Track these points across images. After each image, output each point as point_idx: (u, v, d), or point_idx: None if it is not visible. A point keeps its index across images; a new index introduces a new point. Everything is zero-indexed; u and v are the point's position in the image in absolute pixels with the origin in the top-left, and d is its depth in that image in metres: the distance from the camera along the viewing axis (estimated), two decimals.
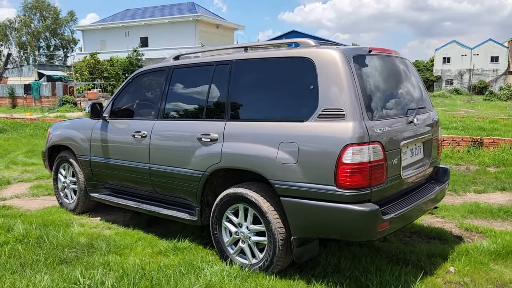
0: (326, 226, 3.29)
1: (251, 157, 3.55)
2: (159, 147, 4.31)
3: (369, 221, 3.10)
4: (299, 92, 3.47)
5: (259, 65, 3.79)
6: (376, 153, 3.17)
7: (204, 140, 3.88)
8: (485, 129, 13.30)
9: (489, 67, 54.01)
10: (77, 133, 5.26)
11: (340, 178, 3.12)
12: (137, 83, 4.85)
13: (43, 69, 40.67)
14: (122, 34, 43.57)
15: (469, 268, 3.73)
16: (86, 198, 5.33)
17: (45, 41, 66.64)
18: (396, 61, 3.95)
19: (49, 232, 4.49)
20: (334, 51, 3.36)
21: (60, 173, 5.67)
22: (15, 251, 4.00)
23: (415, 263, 3.79)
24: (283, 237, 3.44)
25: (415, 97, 3.99)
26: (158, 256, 4.02)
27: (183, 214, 4.20)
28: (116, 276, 3.44)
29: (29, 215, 5.25)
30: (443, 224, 4.99)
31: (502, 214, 5.33)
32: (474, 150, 9.31)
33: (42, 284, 3.25)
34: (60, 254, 3.96)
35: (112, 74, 30.62)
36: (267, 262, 3.54)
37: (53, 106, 28.99)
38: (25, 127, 14.99)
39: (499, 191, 6.63)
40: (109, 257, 3.90)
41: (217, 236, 3.87)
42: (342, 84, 3.23)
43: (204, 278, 3.47)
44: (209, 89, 4.03)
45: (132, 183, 4.75)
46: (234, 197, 3.70)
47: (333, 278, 3.50)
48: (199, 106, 4.12)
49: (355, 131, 3.10)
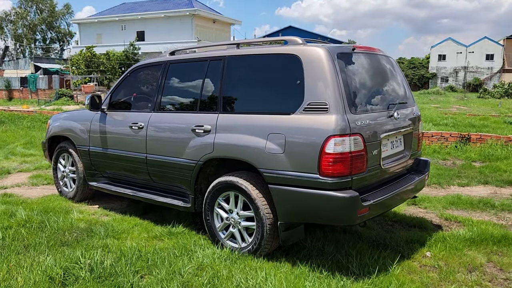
0: (310, 211, 3.54)
1: (241, 147, 3.80)
2: (155, 138, 4.54)
3: (349, 207, 3.36)
4: (287, 87, 3.71)
5: (250, 61, 4.03)
6: (357, 144, 3.43)
7: (198, 131, 4.12)
8: (475, 126, 13.60)
9: (484, 65, 54.34)
10: (77, 124, 5.48)
11: (323, 167, 3.37)
12: (135, 77, 5.08)
13: (40, 62, 40.66)
14: (118, 27, 43.61)
15: (444, 253, 4.00)
16: (85, 186, 5.56)
17: (41, 34, 66.44)
18: (380, 58, 4.20)
19: (50, 217, 4.73)
20: (319, 49, 3.60)
21: (59, 162, 5.90)
22: (19, 234, 4.24)
23: (394, 248, 4.06)
24: (270, 222, 3.70)
25: (397, 93, 4.24)
26: (153, 240, 4.27)
27: (178, 202, 4.44)
28: (114, 257, 3.68)
29: (30, 202, 5.48)
30: (424, 214, 5.26)
31: (481, 206, 5.60)
32: (461, 146, 9.59)
33: (46, 263, 3.49)
34: (61, 238, 4.20)
35: (108, 67, 30.74)
36: (256, 245, 3.79)
37: (50, 99, 29.09)
38: (23, 119, 15.16)
39: (482, 185, 6.90)
40: (107, 241, 4.15)
41: (209, 222, 4.12)
42: (326, 80, 3.47)
43: (196, 260, 3.72)
44: (203, 83, 4.27)
45: (129, 172, 4.98)
46: (226, 185, 3.94)
47: (316, 261, 3.76)
48: (193, 99, 4.35)
49: (337, 123, 3.35)
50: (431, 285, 3.44)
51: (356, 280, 3.41)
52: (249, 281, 3.32)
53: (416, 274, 3.61)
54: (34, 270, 3.41)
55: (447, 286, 3.42)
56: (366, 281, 3.38)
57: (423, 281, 3.47)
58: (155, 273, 3.46)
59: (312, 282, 3.33)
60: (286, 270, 3.57)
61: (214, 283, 3.33)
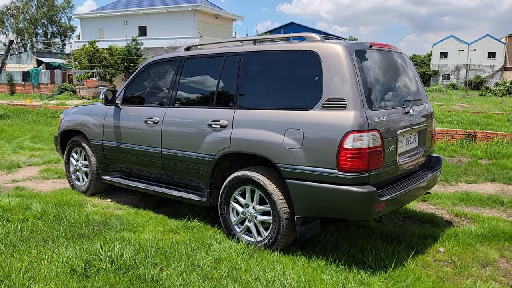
0: (327, 206, 3.59)
1: (258, 142, 3.84)
2: (170, 133, 4.58)
3: (367, 202, 3.40)
4: (305, 83, 3.75)
5: (267, 57, 4.06)
6: (375, 140, 3.47)
7: (215, 126, 4.16)
8: (479, 124, 13.64)
9: (486, 62, 54.38)
10: (90, 118, 5.52)
11: (341, 162, 3.42)
12: (149, 72, 5.11)
13: (42, 56, 40.66)
14: (120, 22, 43.59)
15: (457, 248, 4.05)
16: (98, 180, 5.61)
17: (42, 28, 66.33)
18: (394, 55, 4.24)
19: (65, 210, 4.78)
20: (338, 45, 3.64)
21: (72, 156, 5.94)
22: (36, 226, 4.29)
23: (407, 243, 4.11)
24: (287, 216, 3.75)
25: (412, 90, 4.29)
26: (169, 233, 4.32)
27: (193, 196, 4.49)
28: (133, 250, 3.73)
29: (43, 195, 5.53)
30: (434, 210, 5.31)
31: (490, 202, 5.65)
32: (467, 143, 9.63)
33: (66, 255, 3.54)
34: (78, 230, 4.25)
35: (111, 62, 30.73)
36: (272, 239, 3.84)
37: (52, 93, 29.12)
38: (27, 113, 15.19)
39: (489, 182, 6.95)
40: (124, 234, 4.20)
41: (225, 216, 4.17)
42: (345, 76, 3.51)
43: (213, 253, 3.76)
44: (219, 78, 4.30)
45: (143, 166, 5.03)
46: (242, 180, 3.99)
47: (332, 255, 3.81)
48: (209, 94, 4.39)
49: (356, 119, 3.40)
50: (446, 279, 3.49)
51: (373, 273, 3.47)
52: (267, 274, 3.37)
53: (430, 269, 3.66)
54: (55, 261, 3.47)
55: (462, 280, 3.48)
56: (383, 275, 3.44)
57: (438, 275, 3.53)
58: (174, 266, 3.51)
59: (330, 276, 3.39)
60: (302, 263, 3.62)
61: (233, 276, 3.38)
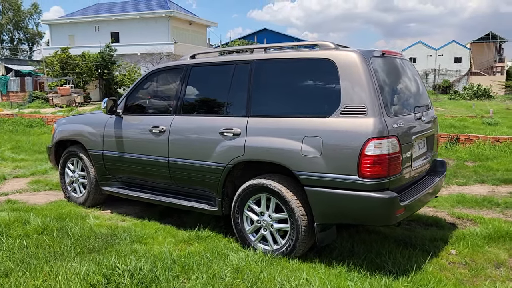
0: (348, 212, 3.61)
1: (275, 150, 3.82)
2: (179, 142, 4.50)
3: (388, 207, 3.44)
4: (321, 90, 3.77)
5: (281, 65, 4.06)
6: (394, 146, 3.52)
7: (227, 134, 4.11)
8: (456, 127, 14.04)
9: (453, 67, 56.15)
10: (89, 128, 5.37)
11: (362, 169, 3.44)
12: (152, 80, 5.02)
13: (11, 63, 39.31)
14: (92, 29, 42.68)
15: (468, 250, 4.14)
16: (97, 191, 5.45)
17: (8, 34, 64.23)
18: (402, 62, 4.32)
19: (67, 224, 4.61)
20: (354, 53, 3.67)
21: (67, 167, 5.76)
22: (42, 242, 4.12)
23: (421, 247, 4.17)
24: (305, 223, 3.74)
25: (420, 96, 4.38)
26: (182, 244, 4.23)
27: (203, 205, 4.42)
28: (150, 262, 3.64)
29: (40, 208, 5.32)
30: (436, 213, 5.42)
31: (486, 204, 5.82)
32: (451, 146, 9.90)
33: (83, 270, 3.41)
34: (87, 244, 4.11)
35: (84, 69, 30.00)
36: (290, 247, 3.82)
37: (23, 102, 28.20)
38: (3, 123, 14.64)
39: (478, 184, 7.16)
40: (135, 246, 4.09)
41: (239, 225, 4.12)
42: (362, 83, 3.55)
43: (231, 263, 3.71)
44: (229, 86, 4.26)
45: (147, 176, 4.92)
46: (257, 188, 3.96)
47: (350, 260, 3.82)
48: (220, 102, 4.35)
49: (376, 126, 3.43)
50: (466, 281, 3.56)
51: (396, 278, 3.50)
52: (291, 283, 3.35)
53: (448, 271, 3.72)
54: (71, 277, 3.34)
55: (481, 282, 3.55)
56: (405, 279, 3.47)
57: (458, 278, 3.59)
58: (194, 278, 3.44)
59: (354, 282, 3.40)
60: (323, 270, 3.62)
61: (258, 285, 3.34)
